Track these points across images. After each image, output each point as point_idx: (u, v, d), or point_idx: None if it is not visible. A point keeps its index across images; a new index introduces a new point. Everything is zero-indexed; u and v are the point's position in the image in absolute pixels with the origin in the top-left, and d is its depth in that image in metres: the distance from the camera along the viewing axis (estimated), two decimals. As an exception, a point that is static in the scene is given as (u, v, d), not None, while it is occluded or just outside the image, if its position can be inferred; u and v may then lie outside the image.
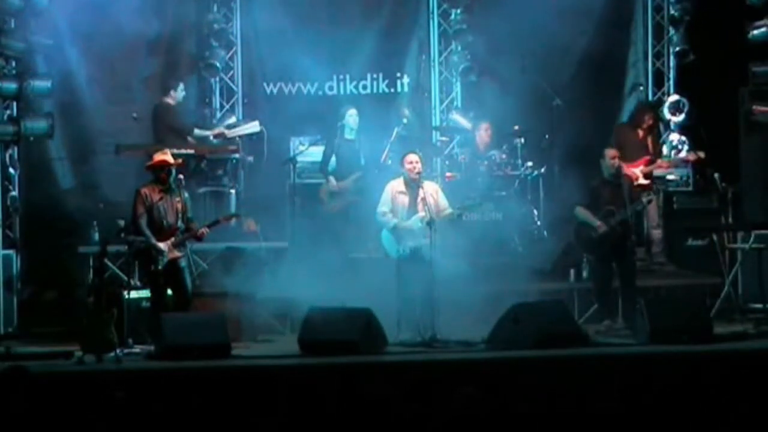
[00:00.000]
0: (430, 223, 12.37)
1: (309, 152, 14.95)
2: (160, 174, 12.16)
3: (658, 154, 15.11)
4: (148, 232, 12.06)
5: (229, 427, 7.61)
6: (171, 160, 12.29)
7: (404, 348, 11.97)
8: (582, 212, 13.02)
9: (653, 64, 16.30)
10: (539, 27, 15.50)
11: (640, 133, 14.87)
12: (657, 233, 14.83)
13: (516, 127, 15.06)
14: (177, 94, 14.80)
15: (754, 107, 13.92)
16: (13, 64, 14.07)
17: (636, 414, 7.64)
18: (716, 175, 14.61)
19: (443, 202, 12.81)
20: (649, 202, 13.76)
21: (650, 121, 15.01)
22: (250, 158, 14.98)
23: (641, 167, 14.53)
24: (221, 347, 11.63)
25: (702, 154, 14.80)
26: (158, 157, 12.25)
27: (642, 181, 14.45)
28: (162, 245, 12.03)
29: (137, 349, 11.93)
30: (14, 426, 7.54)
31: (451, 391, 8.05)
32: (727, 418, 7.53)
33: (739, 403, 7.75)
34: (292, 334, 12.37)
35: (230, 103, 15.74)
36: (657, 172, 14.85)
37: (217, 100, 15.77)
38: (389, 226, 12.70)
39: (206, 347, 11.54)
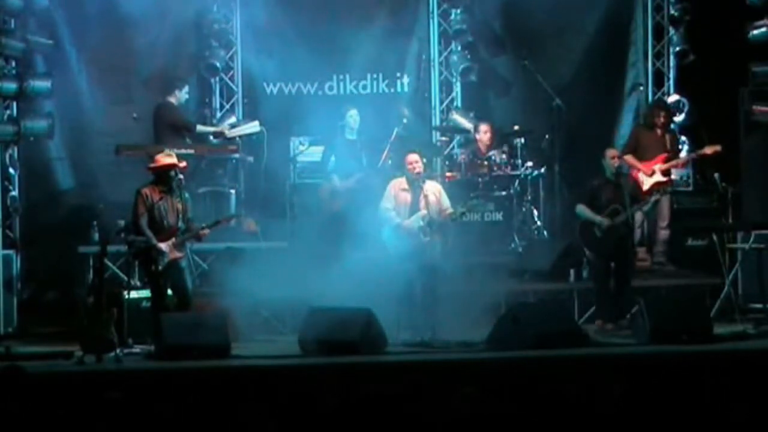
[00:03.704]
0: (430, 223, 12.38)
1: (309, 152, 14.96)
2: (164, 176, 12.14)
3: (677, 150, 14.99)
4: (149, 232, 12.04)
5: (229, 428, 7.60)
6: (177, 162, 12.27)
7: (404, 348, 11.96)
8: (584, 210, 13.02)
9: (653, 64, 16.28)
10: (539, 27, 15.52)
11: (658, 131, 14.76)
12: (665, 233, 14.73)
13: (516, 127, 15.07)
14: (181, 95, 14.75)
15: (754, 107, 13.92)
16: (13, 64, 14.07)
17: (636, 414, 7.63)
18: (716, 175, 14.59)
19: (445, 201, 12.82)
20: (657, 202, 13.77)
21: (664, 119, 14.85)
22: (250, 158, 14.97)
23: (658, 164, 14.49)
24: (221, 347, 11.63)
25: (719, 147, 14.52)
26: (164, 159, 12.17)
27: (660, 178, 14.43)
28: (163, 246, 12.02)
29: (137, 349, 11.93)
30: (12, 426, 7.53)
31: (451, 391, 8.04)
32: (727, 418, 7.53)
33: (739, 403, 7.74)
34: (292, 334, 12.36)
35: (230, 103, 15.72)
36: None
37: (217, 100, 15.75)
38: (392, 225, 12.69)
39: (206, 347, 11.55)
